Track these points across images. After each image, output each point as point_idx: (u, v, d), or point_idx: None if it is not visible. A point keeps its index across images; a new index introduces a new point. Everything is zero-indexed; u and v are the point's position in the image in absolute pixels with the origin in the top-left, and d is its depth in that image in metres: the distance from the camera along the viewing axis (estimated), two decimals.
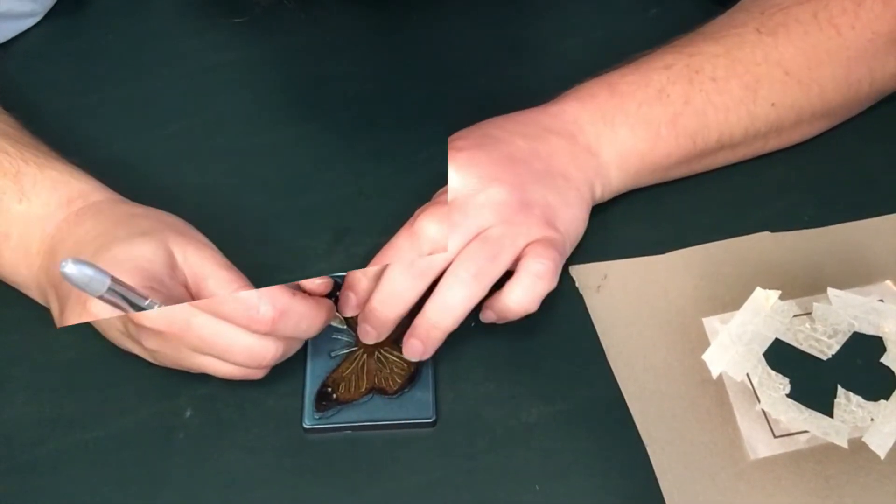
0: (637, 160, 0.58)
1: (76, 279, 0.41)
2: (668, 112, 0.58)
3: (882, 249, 0.59)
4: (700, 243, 0.60)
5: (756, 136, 0.61)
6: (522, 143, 0.57)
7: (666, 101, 0.58)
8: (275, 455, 0.53)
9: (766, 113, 0.60)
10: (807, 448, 0.52)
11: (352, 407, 0.54)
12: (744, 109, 0.59)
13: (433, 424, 0.54)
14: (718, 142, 0.60)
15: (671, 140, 0.59)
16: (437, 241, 0.52)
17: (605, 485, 0.51)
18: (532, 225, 0.53)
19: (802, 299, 0.57)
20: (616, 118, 0.58)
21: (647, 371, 0.55)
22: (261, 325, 0.48)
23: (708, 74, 0.59)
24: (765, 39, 0.59)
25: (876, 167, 0.63)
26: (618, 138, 0.58)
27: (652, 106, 0.58)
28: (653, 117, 0.58)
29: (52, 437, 0.53)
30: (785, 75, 0.59)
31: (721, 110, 0.59)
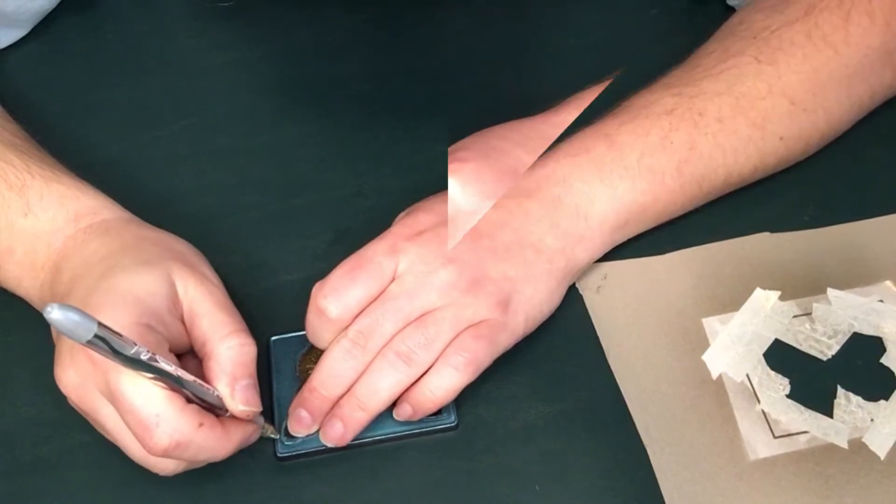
0: (638, 213, 0.56)
1: (62, 325, 0.39)
2: (672, 160, 0.56)
3: (882, 250, 0.59)
4: (700, 244, 0.60)
5: (765, 171, 0.59)
6: (493, 214, 0.54)
7: (670, 148, 0.56)
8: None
9: (776, 148, 0.58)
10: (807, 448, 0.52)
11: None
12: (752, 148, 0.57)
13: (455, 428, 0.53)
14: (726, 181, 0.58)
15: (676, 189, 0.56)
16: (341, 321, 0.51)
17: (605, 485, 0.52)
18: (481, 304, 0.51)
19: (802, 300, 0.57)
20: (614, 173, 0.55)
21: (647, 371, 0.55)
22: (152, 450, 0.46)
23: (713, 116, 0.56)
24: (766, 69, 0.57)
25: (876, 167, 0.63)
26: (615, 194, 0.55)
27: (655, 156, 0.56)
28: (656, 168, 0.56)
29: (54, 438, 0.53)
30: (791, 105, 0.58)
31: (729, 152, 0.57)
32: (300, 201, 0.63)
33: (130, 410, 0.45)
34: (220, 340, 0.49)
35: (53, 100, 0.67)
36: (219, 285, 0.52)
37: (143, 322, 0.47)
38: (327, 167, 0.64)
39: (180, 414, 0.45)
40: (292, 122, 0.67)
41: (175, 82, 0.69)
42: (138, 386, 0.45)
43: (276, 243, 0.61)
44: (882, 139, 0.65)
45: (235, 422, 0.49)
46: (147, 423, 0.45)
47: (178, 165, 0.64)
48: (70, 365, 0.47)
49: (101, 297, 0.47)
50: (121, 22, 0.72)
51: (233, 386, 0.48)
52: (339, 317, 0.51)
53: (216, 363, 0.48)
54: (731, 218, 0.61)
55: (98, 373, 0.46)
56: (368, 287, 0.51)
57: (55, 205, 0.53)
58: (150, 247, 0.52)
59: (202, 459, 0.48)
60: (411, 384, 0.51)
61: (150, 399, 0.45)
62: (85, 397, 0.47)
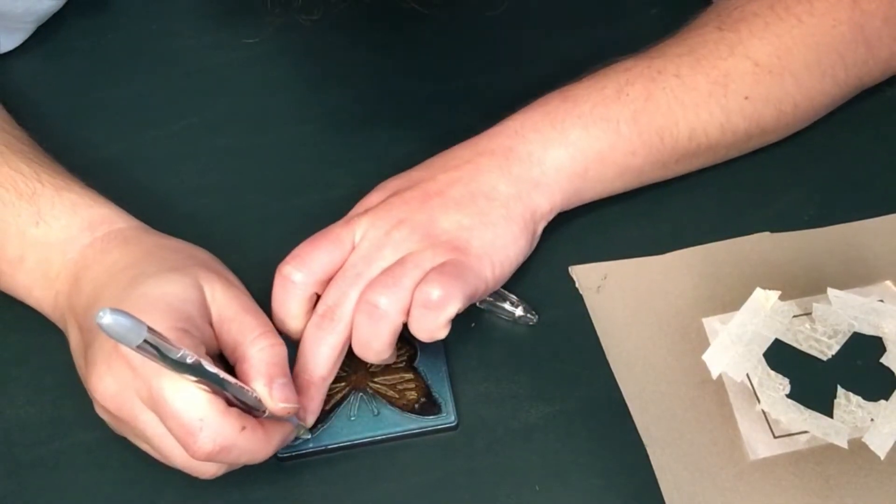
0: (596, 161, 0.56)
1: (113, 330, 0.38)
2: (627, 109, 0.56)
3: (882, 250, 0.59)
4: (700, 243, 0.60)
5: (736, 133, 0.59)
6: (443, 176, 0.55)
7: (625, 99, 0.56)
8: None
9: (741, 107, 0.58)
10: (807, 448, 0.52)
11: (336, 427, 0.53)
12: (714, 104, 0.57)
13: (455, 428, 0.53)
14: (691, 139, 0.58)
15: (634, 137, 0.56)
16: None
17: (605, 485, 0.52)
18: (438, 251, 0.52)
19: (802, 300, 0.57)
20: (566, 121, 0.56)
21: (647, 371, 0.55)
22: (196, 454, 0.46)
23: (671, 73, 0.57)
24: (727, 35, 0.58)
25: (876, 167, 0.63)
26: (569, 140, 0.56)
27: (608, 106, 0.56)
28: (610, 115, 0.56)
29: (53, 438, 0.53)
30: (755, 66, 0.58)
31: (689, 106, 0.57)
32: (300, 201, 0.63)
33: (174, 415, 0.45)
34: (252, 343, 0.49)
35: (54, 100, 0.67)
36: (243, 290, 0.52)
37: (180, 327, 0.46)
38: (327, 167, 0.64)
39: (223, 418, 0.45)
40: (292, 122, 0.67)
41: (175, 82, 0.69)
42: (181, 391, 0.45)
43: (276, 243, 0.60)
44: (882, 139, 0.65)
45: (273, 423, 0.49)
46: (191, 427, 0.45)
47: (178, 165, 0.64)
48: (108, 373, 0.47)
49: (132, 304, 0.47)
50: (121, 22, 0.72)
51: (270, 385, 0.48)
52: (302, 281, 0.52)
53: (250, 365, 0.48)
54: (731, 217, 0.61)
55: (139, 379, 0.46)
56: (330, 252, 0.52)
57: (67, 213, 0.52)
58: (173, 254, 0.52)
59: (243, 462, 0.48)
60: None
61: (193, 404, 0.45)
62: (124, 405, 0.47)
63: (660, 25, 0.69)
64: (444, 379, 0.54)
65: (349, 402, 0.54)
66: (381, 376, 0.55)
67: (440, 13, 0.72)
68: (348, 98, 0.68)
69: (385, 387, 0.54)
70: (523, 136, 0.56)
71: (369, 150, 0.65)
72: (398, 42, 0.71)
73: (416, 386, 0.54)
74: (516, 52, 0.70)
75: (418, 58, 0.70)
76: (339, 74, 0.69)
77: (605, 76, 0.58)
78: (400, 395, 0.54)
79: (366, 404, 0.54)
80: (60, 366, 0.55)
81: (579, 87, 0.58)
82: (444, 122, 0.66)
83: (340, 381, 0.54)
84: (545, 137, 0.56)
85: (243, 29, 0.71)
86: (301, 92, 0.69)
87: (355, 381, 0.55)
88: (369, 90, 0.68)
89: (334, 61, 0.70)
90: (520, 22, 0.72)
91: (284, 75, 0.70)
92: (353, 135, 0.66)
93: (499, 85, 0.67)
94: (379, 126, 0.66)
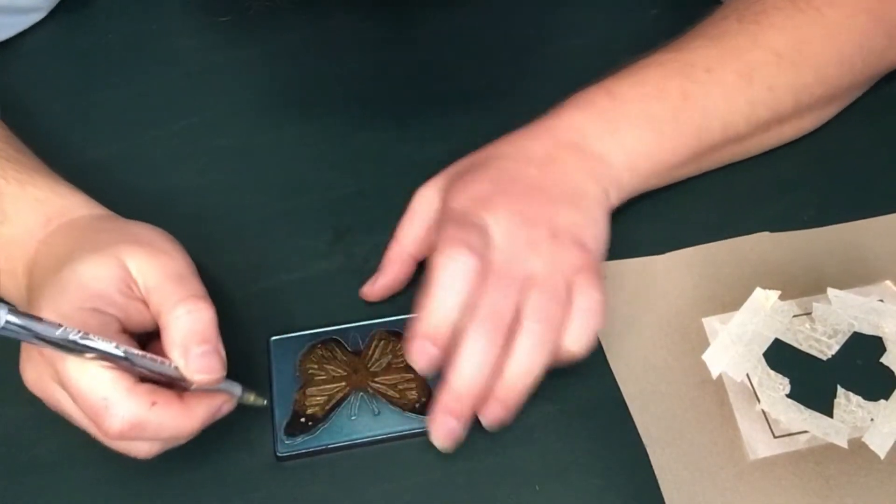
0: (645, 160, 0.58)
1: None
2: (668, 108, 0.58)
3: (882, 249, 0.59)
4: (700, 243, 0.60)
5: (759, 126, 0.60)
6: (535, 170, 0.55)
7: (664, 97, 0.58)
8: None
9: (765, 98, 0.59)
10: (807, 448, 0.52)
11: (336, 426, 0.53)
12: (741, 97, 0.59)
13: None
14: (723, 134, 0.59)
15: (675, 137, 0.58)
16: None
17: (605, 485, 0.52)
18: (567, 253, 0.52)
19: (802, 299, 0.57)
20: (619, 121, 0.57)
21: (647, 371, 0.55)
22: (108, 434, 0.45)
23: (701, 66, 0.58)
24: (749, 27, 0.59)
25: (876, 167, 0.63)
26: (624, 141, 0.57)
27: (651, 104, 0.58)
28: (654, 115, 0.58)
29: (53, 437, 0.53)
30: (777, 57, 0.59)
31: (720, 101, 0.58)
32: (300, 201, 0.63)
33: (79, 396, 0.44)
34: (170, 311, 0.47)
35: (53, 99, 0.67)
36: (177, 257, 0.49)
37: (88, 307, 0.46)
38: (327, 167, 0.64)
39: (129, 395, 0.44)
40: (292, 122, 0.67)
41: (175, 82, 0.69)
42: (84, 371, 0.44)
43: (276, 243, 0.61)
44: (882, 139, 0.65)
45: (200, 395, 0.47)
46: (96, 407, 0.44)
47: (178, 165, 0.64)
48: (27, 360, 0.47)
49: (50, 290, 0.47)
50: (121, 22, 0.72)
51: (186, 355, 0.46)
52: (474, 266, 0.50)
53: (167, 334, 0.47)
54: (731, 217, 0.61)
55: (48, 364, 0.45)
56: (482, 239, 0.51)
57: (28, 209, 0.52)
58: (104, 235, 0.51)
59: (167, 438, 0.47)
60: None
61: (96, 383, 0.44)
62: (46, 390, 0.47)
63: (660, 25, 0.69)
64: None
65: (350, 402, 0.54)
66: (381, 376, 0.55)
67: (440, 13, 0.72)
68: (348, 98, 0.68)
69: (386, 386, 0.54)
70: (585, 135, 0.57)
71: (369, 150, 0.65)
72: (398, 42, 0.71)
73: (416, 386, 0.54)
74: (517, 53, 0.70)
75: (419, 58, 0.70)
76: (339, 74, 0.69)
77: (642, 72, 0.59)
78: (401, 395, 0.54)
79: (366, 404, 0.54)
80: None
81: (622, 84, 0.58)
82: (444, 122, 0.66)
83: (341, 381, 0.54)
84: (604, 139, 0.57)
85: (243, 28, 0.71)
86: (301, 92, 0.69)
87: (356, 380, 0.55)
88: (369, 90, 0.68)
89: (334, 62, 0.70)
90: (520, 22, 0.72)
91: (285, 76, 0.70)
92: (353, 135, 0.66)
93: (499, 85, 0.68)
94: (379, 126, 0.66)
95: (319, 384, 0.54)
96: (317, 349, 0.55)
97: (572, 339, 0.50)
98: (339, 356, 0.55)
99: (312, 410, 0.53)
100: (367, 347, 0.56)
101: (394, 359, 0.55)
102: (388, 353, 0.55)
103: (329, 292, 0.58)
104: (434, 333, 0.49)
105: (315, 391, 0.54)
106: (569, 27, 0.71)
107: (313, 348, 0.55)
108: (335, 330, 0.56)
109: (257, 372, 0.55)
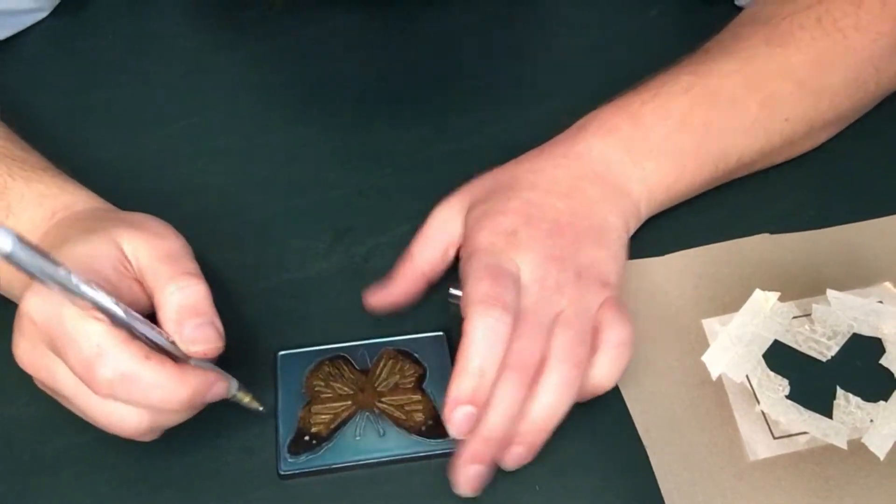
0: (663, 192, 0.58)
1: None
2: (691, 142, 0.58)
3: (881, 251, 0.59)
4: (699, 245, 0.60)
5: (771, 153, 0.60)
6: (561, 203, 0.55)
7: (689, 129, 0.58)
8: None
9: (781, 128, 0.59)
10: (806, 449, 0.52)
11: (340, 445, 0.52)
12: (760, 128, 0.59)
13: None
14: (738, 163, 0.59)
15: (695, 169, 0.58)
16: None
17: (605, 485, 0.52)
18: (593, 292, 0.52)
19: (802, 301, 0.57)
20: (642, 153, 0.57)
21: (647, 372, 0.55)
22: (98, 386, 0.44)
23: (726, 95, 0.58)
24: (775, 51, 0.59)
25: (875, 169, 0.64)
26: (645, 174, 0.57)
27: (674, 137, 0.57)
28: (677, 149, 0.58)
29: (53, 438, 0.53)
30: (798, 87, 0.59)
31: (739, 133, 0.58)
32: (300, 201, 0.63)
33: (72, 344, 0.44)
34: (162, 290, 0.47)
35: (54, 99, 0.67)
36: (170, 238, 0.50)
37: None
38: (327, 167, 0.64)
39: (123, 346, 0.44)
40: (292, 122, 0.67)
41: (175, 82, 0.69)
42: (81, 318, 0.44)
43: (276, 243, 0.61)
44: (881, 140, 0.65)
45: (195, 368, 0.47)
46: (88, 355, 0.44)
47: (178, 165, 0.64)
48: (19, 335, 0.47)
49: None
50: (121, 22, 0.72)
51: (180, 330, 0.46)
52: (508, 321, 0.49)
53: (162, 313, 0.47)
54: (730, 219, 0.61)
55: (41, 329, 0.45)
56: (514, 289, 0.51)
57: (34, 205, 0.53)
58: (100, 222, 0.51)
59: (158, 403, 0.46)
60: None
61: (91, 329, 0.44)
62: (38, 362, 0.46)
63: (660, 25, 0.69)
64: None
65: (355, 421, 0.53)
66: (388, 396, 0.54)
67: (441, 13, 0.72)
68: (348, 98, 0.68)
69: (392, 407, 0.54)
70: (609, 165, 0.56)
71: (369, 150, 0.65)
72: (398, 42, 0.71)
73: (423, 407, 0.54)
74: (517, 53, 0.71)
75: (419, 58, 0.70)
76: (340, 74, 0.69)
77: (667, 98, 0.58)
78: (407, 417, 0.53)
79: (372, 424, 0.53)
80: None
81: (645, 109, 0.58)
82: (444, 122, 0.66)
83: (347, 400, 0.54)
84: (627, 170, 0.57)
85: (243, 28, 0.71)
86: (301, 92, 0.69)
87: (362, 399, 0.54)
88: (369, 90, 0.68)
89: (334, 62, 0.70)
90: (520, 22, 0.72)
91: (284, 75, 0.70)
92: (352, 135, 0.66)
93: (499, 85, 0.68)
94: (379, 126, 0.66)
95: (325, 402, 0.54)
96: (324, 366, 0.55)
97: (602, 373, 0.51)
98: (346, 374, 0.55)
99: (317, 428, 0.53)
100: (374, 366, 0.55)
101: (401, 379, 0.55)
102: (396, 373, 0.55)
103: (329, 293, 0.58)
104: (474, 397, 0.48)
105: (321, 409, 0.53)
106: (569, 27, 0.72)
107: (321, 365, 0.55)
108: (343, 347, 0.56)
109: (257, 375, 0.55)
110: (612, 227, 0.55)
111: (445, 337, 0.56)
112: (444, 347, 0.55)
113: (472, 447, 0.49)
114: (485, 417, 0.48)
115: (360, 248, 0.60)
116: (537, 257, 0.52)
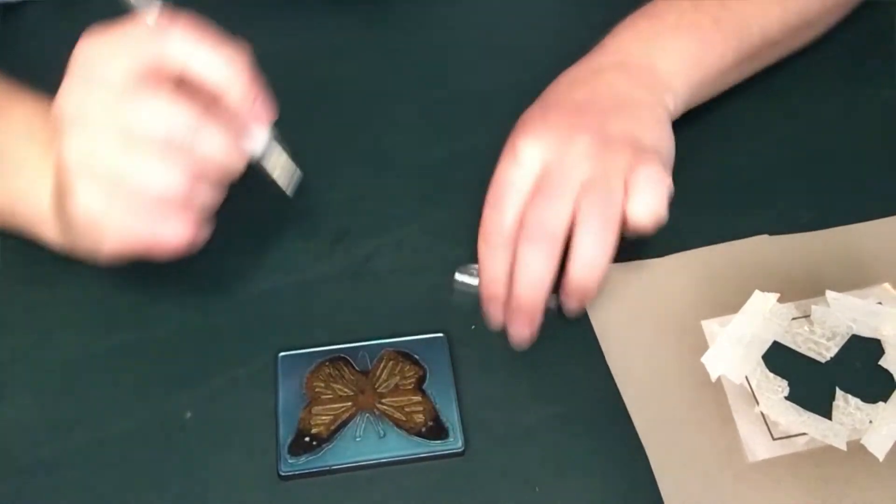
0: (694, 66, 0.60)
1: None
2: (708, 17, 0.60)
3: (880, 252, 0.59)
4: (699, 246, 0.60)
5: (790, 29, 0.63)
6: (579, 93, 0.57)
7: (703, 9, 0.60)
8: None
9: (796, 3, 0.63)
10: (805, 450, 0.52)
11: (341, 447, 0.52)
12: (775, 3, 0.62)
13: (462, 454, 0.53)
14: (761, 39, 0.62)
15: (719, 41, 0.60)
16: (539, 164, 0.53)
17: (605, 485, 0.52)
18: (623, 155, 0.53)
19: (801, 302, 0.57)
20: (661, 35, 0.60)
21: (647, 374, 0.55)
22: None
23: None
24: None
25: (873, 170, 0.64)
26: (668, 48, 0.59)
27: (689, 16, 0.60)
28: (695, 24, 0.60)
29: (53, 439, 0.53)
30: None
31: (755, 8, 0.61)
32: (300, 203, 0.63)
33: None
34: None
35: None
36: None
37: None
38: (327, 168, 0.64)
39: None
40: (291, 122, 0.67)
41: None
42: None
43: (276, 243, 0.61)
44: (879, 142, 0.65)
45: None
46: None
47: None
48: (70, 86, 0.52)
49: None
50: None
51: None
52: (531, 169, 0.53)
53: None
54: (730, 220, 0.61)
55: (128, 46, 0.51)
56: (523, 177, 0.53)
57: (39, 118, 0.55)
58: None
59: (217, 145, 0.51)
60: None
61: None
62: (105, 95, 0.51)
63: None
64: (452, 403, 0.54)
65: (355, 423, 0.53)
66: (389, 397, 0.54)
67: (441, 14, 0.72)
68: (348, 99, 0.68)
69: (392, 408, 0.54)
70: (628, 51, 0.59)
71: (369, 150, 0.65)
72: (398, 43, 0.71)
73: (423, 409, 0.54)
74: (516, 51, 0.71)
75: (418, 58, 0.70)
76: (340, 75, 0.69)
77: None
78: (407, 418, 0.53)
79: (372, 425, 0.53)
80: (60, 366, 0.56)
81: (655, 7, 0.61)
82: (444, 122, 0.66)
83: (347, 401, 0.54)
84: (648, 50, 0.59)
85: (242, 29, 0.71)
86: (301, 92, 0.69)
87: (363, 401, 0.54)
88: (369, 91, 0.68)
89: (334, 62, 0.70)
90: (519, 21, 0.72)
91: (284, 76, 0.70)
92: (353, 135, 0.66)
93: (499, 83, 0.68)
94: (379, 126, 0.66)
95: (326, 403, 0.54)
96: (324, 367, 0.55)
97: (639, 206, 0.52)
98: (346, 375, 0.55)
99: (317, 430, 0.53)
100: (375, 367, 0.55)
101: (402, 380, 0.55)
102: (397, 375, 0.55)
103: (330, 294, 0.58)
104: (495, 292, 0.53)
105: (321, 410, 0.53)
106: (569, 27, 0.72)
107: (321, 366, 0.55)
108: (344, 348, 0.56)
109: (257, 376, 0.55)
110: (641, 101, 0.57)
111: (446, 338, 0.56)
112: (444, 349, 0.56)
113: (514, 316, 0.53)
114: (514, 289, 0.52)
115: (360, 249, 0.60)
116: (561, 132, 0.54)
